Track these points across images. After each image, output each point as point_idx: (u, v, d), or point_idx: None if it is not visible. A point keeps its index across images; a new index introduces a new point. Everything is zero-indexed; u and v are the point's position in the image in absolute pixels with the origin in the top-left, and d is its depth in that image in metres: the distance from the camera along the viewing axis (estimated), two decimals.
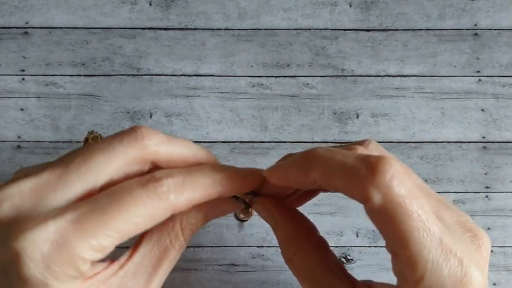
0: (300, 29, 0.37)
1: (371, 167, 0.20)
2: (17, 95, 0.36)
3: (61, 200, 0.21)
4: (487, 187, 0.36)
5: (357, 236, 0.36)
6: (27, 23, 0.37)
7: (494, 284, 0.35)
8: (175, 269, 0.35)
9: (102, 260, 0.22)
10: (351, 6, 0.38)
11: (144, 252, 0.23)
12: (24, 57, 0.36)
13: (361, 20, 0.37)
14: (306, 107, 0.37)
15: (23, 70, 0.36)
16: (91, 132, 0.26)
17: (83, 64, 0.36)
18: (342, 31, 0.37)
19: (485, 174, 0.36)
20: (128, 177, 0.22)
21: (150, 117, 0.36)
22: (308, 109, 0.37)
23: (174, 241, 0.24)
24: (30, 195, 0.21)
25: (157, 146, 0.23)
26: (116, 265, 0.23)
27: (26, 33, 0.37)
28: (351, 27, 0.37)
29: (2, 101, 0.36)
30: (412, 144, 0.37)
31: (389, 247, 0.21)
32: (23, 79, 0.36)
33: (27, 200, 0.21)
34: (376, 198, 0.20)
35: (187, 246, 0.35)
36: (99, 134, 0.26)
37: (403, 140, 0.37)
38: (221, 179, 0.23)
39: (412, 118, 0.37)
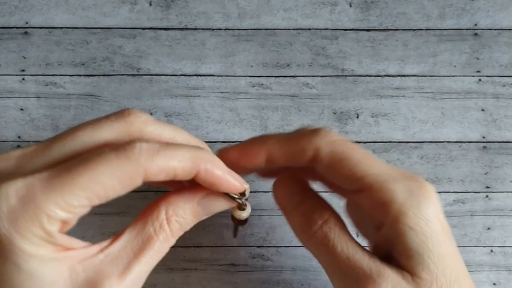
0: (300, 29, 0.37)
1: (313, 129, 0.26)
2: (17, 95, 0.36)
3: (40, 163, 0.22)
4: (487, 187, 0.36)
5: (357, 236, 0.36)
6: (27, 23, 0.37)
7: (494, 284, 0.35)
8: (175, 269, 0.35)
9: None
10: (351, 6, 0.38)
11: (127, 239, 0.23)
12: (24, 57, 0.36)
13: (361, 20, 0.37)
14: (306, 106, 0.37)
15: (23, 70, 0.36)
16: None
17: (83, 64, 0.36)
18: (342, 31, 0.37)
19: (486, 174, 0.36)
20: None
21: None
22: (308, 109, 0.37)
23: (159, 230, 0.23)
24: (15, 161, 0.22)
25: (144, 124, 0.23)
26: (96, 247, 0.22)
27: (26, 33, 0.37)
28: (351, 27, 0.37)
29: (2, 101, 0.36)
30: (412, 144, 0.37)
31: (352, 188, 0.24)
32: (23, 79, 0.36)
33: (11, 164, 0.22)
34: (325, 148, 0.25)
35: (187, 246, 0.35)
36: None
37: (403, 140, 0.37)
38: (203, 156, 0.23)
39: (412, 118, 0.37)
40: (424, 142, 0.37)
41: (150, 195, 0.35)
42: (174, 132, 0.24)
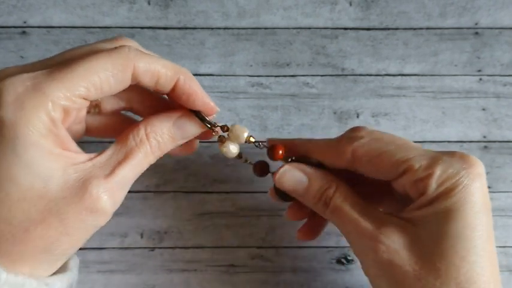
0: (300, 28, 0.37)
1: (348, 132, 0.29)
2: None
3: (42, 67, 0.24)
4: (489, 187, 0.36)
5: None
6: (25, 22, 0.37)
7: None
8: (174, 270, 0.35)
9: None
10: (351, 5, 0.37)
11: (112, 152, 0.25)
12: (22, 57, 0.36)
13: (362, 19, 0.37)
14: (306, 106, 0.37)
15: None
16: None
17: None
18: (342, 30, 0.37)
19: (487, 174, 0.36)
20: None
21: None
22: (308, 109, 0.37)
23: (139, 144, 0.26)
24: (20, 68, 0.25)
25: (136, 57, 0.25)
26: (85, 156, 0.25)
27: (24, 32, 0.37)
28: (351, 26, 0.37)
29: None
30: None
31: (393, 176, 0.27)
32: None
33: (16, 69, 0.25)
34: (360, 149, 0.27)
35: (186, 247, 0.35)
36: None
37: None
38: (183, 70, 0.26)
39: (412, 117, 0.37)
40: (425, 142, 0.36)
41: (150, 196, 0.35)
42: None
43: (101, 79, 0.24)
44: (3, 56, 0.36)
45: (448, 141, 0.36)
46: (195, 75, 0.36)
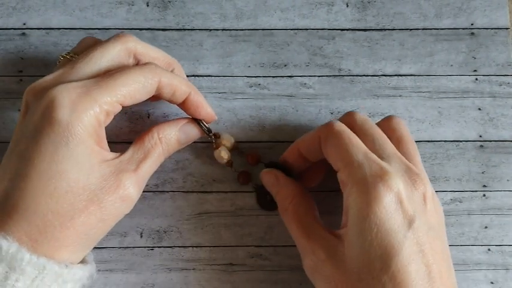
0: (297, 29, 0.37)
1: (325, 124, 0.31)
2: (14, 95, 0.36)
3: (79, 77, 0.29)
4: (484, 186, 0.36)
5: None
6: (24, 24, 0.37)
7: (492, 283, 0.35)
8: (174, 269, 0.35)
9: None
10: (347, 6, 0.38)
11: (133, 152, 0.30)
12: (22, 58, 0.37)
13: (358, 20, 0.38)
14: (303, 107, 0.37)
15: (21, 71, 0.36)
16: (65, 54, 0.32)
17: None
18: (339, 31, 0.37)
19: (483, 173, 0.36)
20: (121, 64, 0.30)
21: (148, 117, 0.36)
22: (305, 109, 0.37)
23: (154, 146, 0.31)
24: (58, 75, 0.29)
25: (135, 42, 0.31)
26: (112, 154, 0.29)
27: (23, 34, 0.37)
28: (348, 27, 0.38)
29: (0, 102, 0.36)
30: None
31: (336, 166, 0.30)
32: (21, 80, 0.36)
33: (54, 77, 0.29)
34: (323, 134, 0.30)
35: (185, 246, 0.35)
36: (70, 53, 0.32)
37: None
38: (193, 85, 0.32)
39: (409, 117, 0.37)
40: (421, 141, 0.37)
41: (149, 195, 0.35)
42: (157, 51, 0.32)
43: (135, 89, 0.29)
44: (2, 58, 0.36)
45: (445, 141, 0.37)
46: (193, 76, 0.37)
